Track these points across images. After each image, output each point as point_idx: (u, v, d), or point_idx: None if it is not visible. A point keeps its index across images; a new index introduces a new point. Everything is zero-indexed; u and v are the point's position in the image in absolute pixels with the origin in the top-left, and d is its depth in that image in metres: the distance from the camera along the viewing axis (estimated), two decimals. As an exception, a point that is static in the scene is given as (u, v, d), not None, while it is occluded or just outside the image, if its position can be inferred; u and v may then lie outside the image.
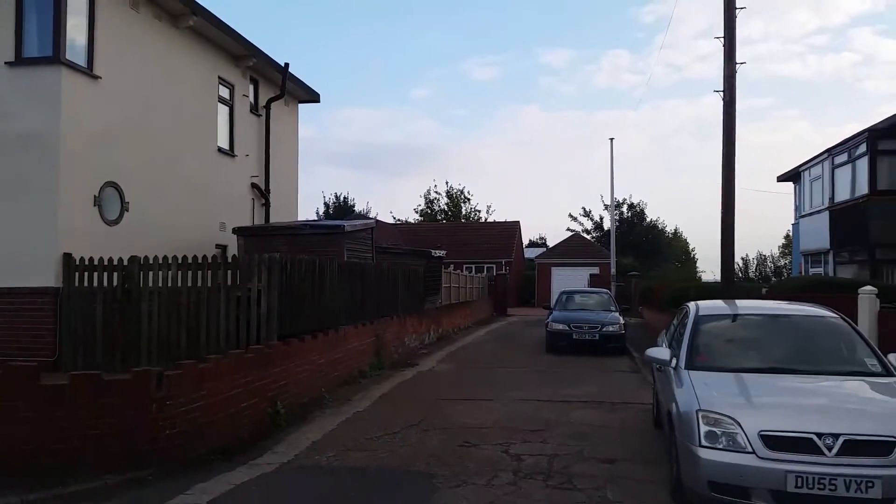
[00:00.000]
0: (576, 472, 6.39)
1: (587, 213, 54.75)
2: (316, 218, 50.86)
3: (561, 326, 16.63)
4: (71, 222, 10.08)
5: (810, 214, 21.44)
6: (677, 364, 6.19)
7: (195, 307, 9.50)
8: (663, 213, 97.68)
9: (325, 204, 54.88)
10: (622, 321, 16.86)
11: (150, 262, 9.73)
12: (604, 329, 16.12)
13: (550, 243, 54.47)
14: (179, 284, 9.61)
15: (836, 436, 4.70)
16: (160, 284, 9.66)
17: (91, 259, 9.96)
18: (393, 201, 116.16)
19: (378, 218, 48.67)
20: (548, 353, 16.46)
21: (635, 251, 46.23)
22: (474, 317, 26.34)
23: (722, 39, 11.35)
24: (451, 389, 11.13)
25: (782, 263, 48.30)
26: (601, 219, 53.09)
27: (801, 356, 6.06)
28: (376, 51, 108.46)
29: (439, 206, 58.27)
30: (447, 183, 61.74)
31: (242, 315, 9.37)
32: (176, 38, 12.75)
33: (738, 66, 11.27)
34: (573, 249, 43.34)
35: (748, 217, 65.36)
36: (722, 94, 11.55)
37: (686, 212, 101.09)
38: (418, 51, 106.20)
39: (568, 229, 53.95)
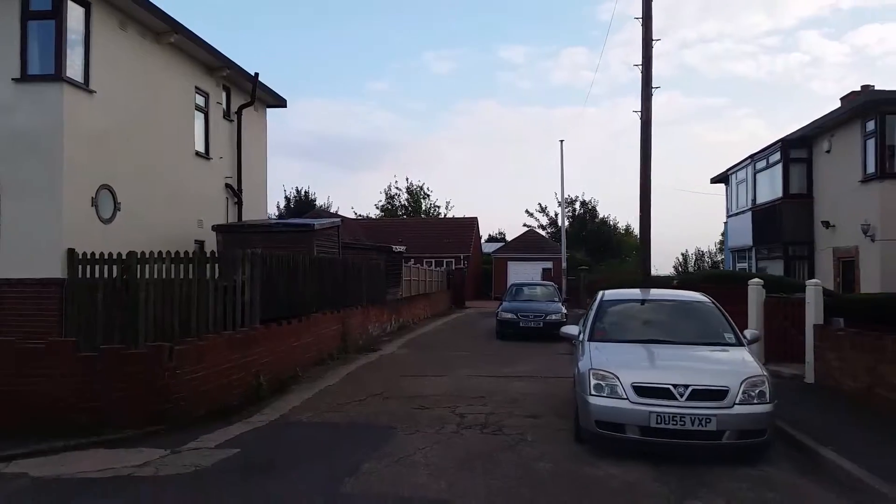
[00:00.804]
0: (505, 423, 8.09)
1: (543, 210, 56.97)
2: (277, 212, 51.94)
3: (509, 315, 18.43)
4: (73, 221, 11.39)
5: (737, 214, 23.65)
6: (582, 338, 7.95)
7: (187, 296, 10.93)
8: (616, 208, 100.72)
9: (286, 198, 55.90)
10: (564, 311, 18.71)
11: (147, 256, 11.12)
12: (547, 318, 17.93)
13: (509, 237, 56.47)
14: (173, 276, 11.03)
15: (686, 386, 6.47)
16: (156, 276, 11.07)
17: (93, 253, 11.28)
18: (353, 194, 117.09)
19: (339, 212, 50.05)
20: (497, 339, 18.24)
21: (587, 246, 48.48)
22: (433, 308, 28.00)
23: (640, 68, 13.24)
24: (410, 369, 12.76)
25: (719, 259, 51.11)
26: (556, 215, 55.27)
27: (675, 331, 7.86)
28: (333, 41, 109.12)
29: (400, 202, 59.82)
30: (407, 179, 63.40)
31: (228, 302, 10.84)
32: (159, 53, 14.06)
33: (653, 89, 13.17)
34: (528, 245, 45.33)
35: (692, 215, 68.40)
36: (640, 114, 13.43)
37: (634, 206, 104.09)
38: (376, 42, 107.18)
39: (524, 225, 56.15)
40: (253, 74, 17.26)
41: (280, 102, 19.80)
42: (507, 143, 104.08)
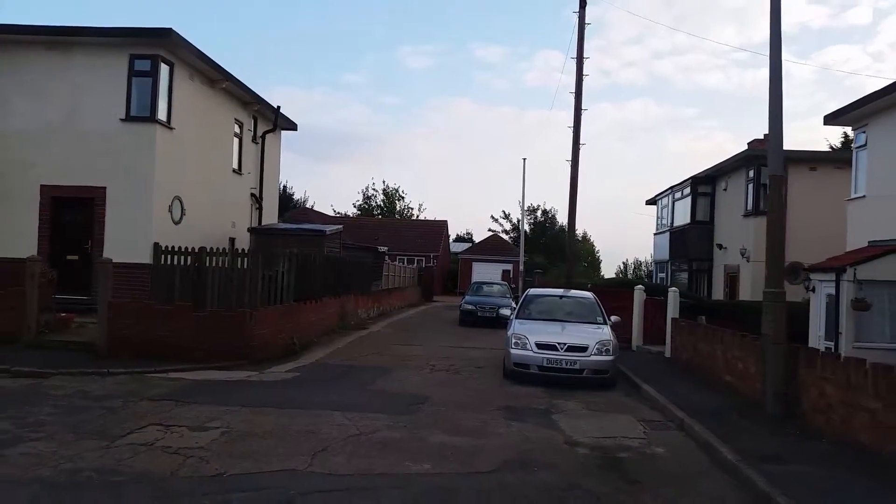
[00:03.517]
0: (461, 370, 12.79)
1: (506, 216, 62.18)
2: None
3: (470, 307, 23.22)
4: (157, 223, 15.79)
5: (660, 233, 28.74)
6: (512, 317, 12.73)
7: (241, 280, 15.36)
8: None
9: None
10: (513, 305, 23.47)
11: (214, 250, 15.53)
12: (499, 309, 22.71)
13: (476, 236, 61.40)
14: (234, 265, 15.47)
15: (564, 344, 11.25)
16: (219, 265, 15.47)
17: (171, 247, 15.62)
18: (325, 185, 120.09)
19: (315, 207, 54.15)
20: (460, 325, 23.02)
21: (545, 251, 53.56)
22: (406, 300, 32.61)
23: (571, 128, 18.10)
24: (394, 340, 17.41)
25: (654, 268, 56.82)
26: (518, 221, 60.33)
27: (568, 314, 12.69)
28: (310, 31, 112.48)
29: (376, 203, 64.32)
30: (384, 182, 67.92)
31: (272, 286, 15.33)
32: (213, 95, 18.47)
33: (581, 146, 18.07)
34: (491, 248, 50.27)
35: (639, 228, 73.80)
36: (570, 162, 18.31)
37: (600, 212, 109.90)
38: (352, 34, 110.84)
39: (489, 229, 61.22)
40: (276, 107, 21.72)
41: (292, 126, 24.27)
42: (479, 143, 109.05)
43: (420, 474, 6.24)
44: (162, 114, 15.96)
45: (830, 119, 16.12)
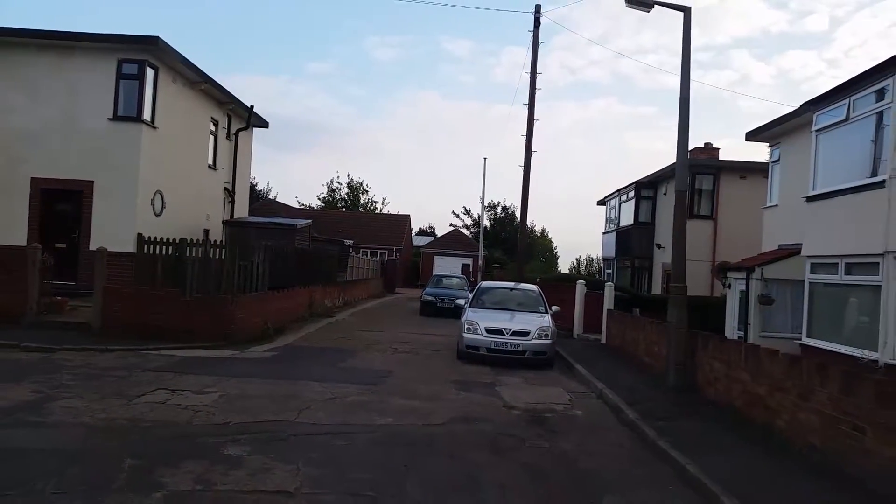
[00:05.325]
0: (420, 352, 14.46)
1: (467, 212, 63.93)
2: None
3: (430, 298, 24.91)
4: (140, 216, 17.06)
5: (608, 232, 30.80)
6: (466, 305, 14.46)
7: (220, 269, 16.75)
8: (535, 212, 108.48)
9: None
10: (470, 297, 25.22)
11: (194, 241, 16.86)
12: (456, 301, 24.41)
13: (438, 230, 63.05)
14: (211, 256, 16.83)
15: (509, 329, 13.00)
16: (199, 255, 16.83)
17: (154, 237, 16.93)
18: (287, 176, 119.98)
19: (279, 199, 55.12)
20: (420, 315, 24.68)
21: (505, 246, 55.51)
22: (370, 291, 34.11)
23: (524, 138, 19.87)
24: (359, 327, 18.99)
25: (602, 265, 59.33)
26: (479, 217, 62.17)
27: (515, 304, 14.47)
28: (274, 18, 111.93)
29: (340, 196, 65.48)
30: (349, 175, 69.08)
31: (248, 276, 16.75)
32: (192, 96, 19.75)
33: (533, 152, 19.86)
34: (452, 242, 52.02)
35: (593, 226, 76.34)
36: (522, 166, 20.10)
37: (560, 208, 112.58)
38: (319, 22, 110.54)
39: (451, 224, 62.91)
40: (249, 106, 23.04)
41: (264, 124, 25.57)
42: (444, 137, 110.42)
43: (385, 425, 7.90)
44: (147, 114, 17.23)
45: (751, 136, 18.16)
